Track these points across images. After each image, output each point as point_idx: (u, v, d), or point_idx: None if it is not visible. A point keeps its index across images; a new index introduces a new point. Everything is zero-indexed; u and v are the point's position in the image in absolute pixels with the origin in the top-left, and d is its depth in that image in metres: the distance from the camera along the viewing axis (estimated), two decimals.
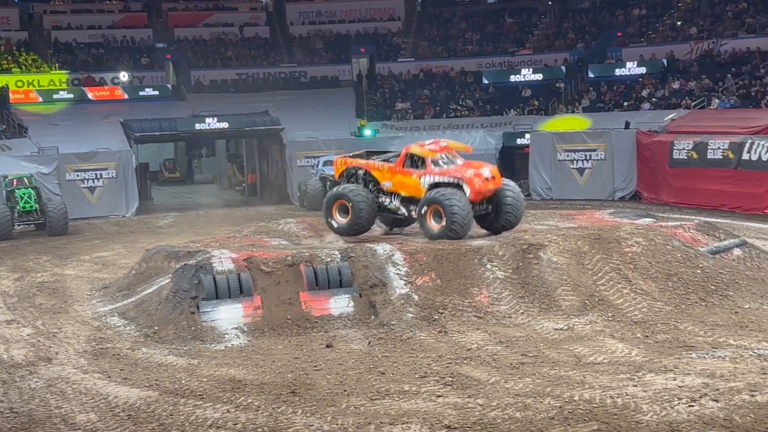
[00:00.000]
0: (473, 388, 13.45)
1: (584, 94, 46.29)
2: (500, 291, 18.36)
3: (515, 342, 16.03)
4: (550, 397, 12.83)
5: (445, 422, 11.91)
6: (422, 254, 19.23)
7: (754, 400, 12.31)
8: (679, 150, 36.22)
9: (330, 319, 17.78)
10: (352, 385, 13.83)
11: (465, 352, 15.47)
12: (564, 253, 19.26)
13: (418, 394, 13.26)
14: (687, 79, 43.25)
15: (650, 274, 18.83)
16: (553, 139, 40.24)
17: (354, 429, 11.80)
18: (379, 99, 49.05)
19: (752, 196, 32.72)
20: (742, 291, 18.64)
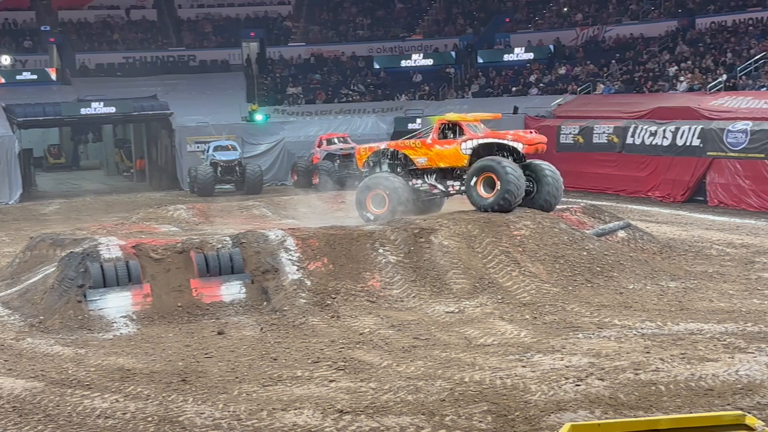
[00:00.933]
0: (365, 372, 13.50)
1: (474, 80, 46.80)
2: (392, 275, 18.45)
3: (407, 325, 16.14)
4: (442, 379, 12.96)
5: (337, 407, 11.93)
6: (315, 239, 19.18)
7: (638, 378, 12.64)
8: (566, 134, 36.98)
9: (221, 305, 17.62)
10: (244, 372, 13.74)
11: (357, 337, 15.52)
12: (455, 237, 19.46)
13: (311, 380, 13.24)
14: (573, 65, 44.12)
15: (538, 257, 19.18)
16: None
17: (246, 416, 11.73)
18: (270, 83, 48.74)
19: (636, 179, 33.61)
20: (626, 272, 19.13)
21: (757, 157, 28.94)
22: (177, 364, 14.26)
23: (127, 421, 11.72)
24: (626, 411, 11.30)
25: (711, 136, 30.66)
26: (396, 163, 22.59)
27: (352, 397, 12.31)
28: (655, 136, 32.94)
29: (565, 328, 15.63)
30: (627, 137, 34.14)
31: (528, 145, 20.88)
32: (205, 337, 15.99)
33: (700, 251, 21.98)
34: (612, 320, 16.00)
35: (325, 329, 16.12)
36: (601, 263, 19.32)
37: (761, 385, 12.18)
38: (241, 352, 14.92)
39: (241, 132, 42.35)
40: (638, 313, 16.43)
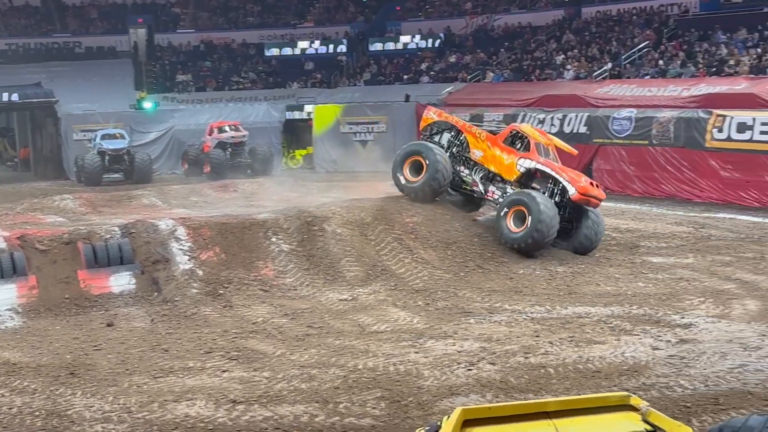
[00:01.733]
0: (259, 361, 13.42)
1: (365, 68, 46.87)
2: (286, 264, 18.38)
3: (301, 314, 16.11)
4: (335, 367, 12.98)
5: (230, 397, 11.83)
6: (206, 229, 18.98)
7: (527, 362, 12.87)
8: None
9: (111, 297, 17.29)
10: (135, 364, 13.52)
11: (250, 326, 15.42)
12: (348, 225, 19.49)
13: (203, 370, 13.11)
14: (463, 53, 44.54)
15: (430, 244, 19.34)
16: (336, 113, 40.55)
17: (137, 408, 11.55)
18: (159, 71, 47.97)
19: None
20: (515, 257, 19.44)
21: (641, 144, 29.70)
22: (65, 357, 13.95)
23: (13, 416, 11.42)
24: (516, 394, 11.49)
25: (597, 123, 31.32)
26: (455, 143, 21.45)
27: (246, 387, 12.24)
28: (543, 123, 33.47)
29: (457, 313, 15.81)
30: None
31: (580, 194, 19.56)
32: (94, 329, 15.67)
33: None
34: (502, 305, 16.25)
35: (218, 319, 15.97)
36: (491, 249, 19.59)
37: (646, 366, 12.53)
38: (132, 343, 14.67)
39: (129, 120, 41.55)
40: (528, 298, 16.72)
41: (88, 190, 32.65)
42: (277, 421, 10.95)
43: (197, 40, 50.64)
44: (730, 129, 27.19)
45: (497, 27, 45.94)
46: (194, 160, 38.67)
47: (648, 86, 31.73)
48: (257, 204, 24.80)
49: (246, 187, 28.94)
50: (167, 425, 10.96)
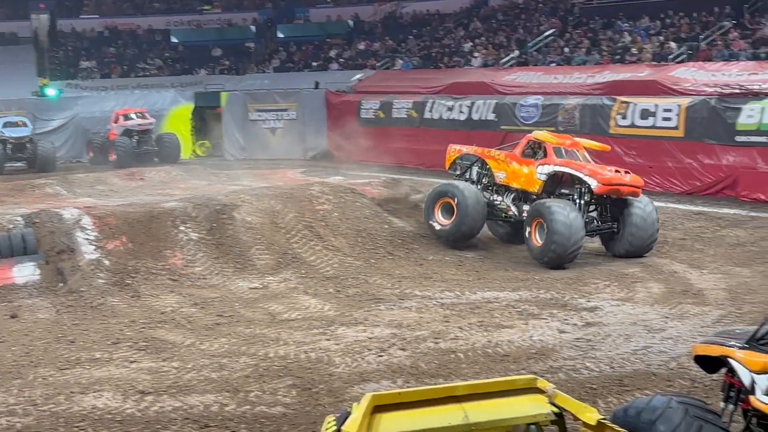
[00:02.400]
0: (168, 351, 13.27)
1: (274, 55, 46.60)
2: (194, 253, 18.20)
3: (210, 303, 15.97)
4: (246, 355, 12.91)
5: (139, 387, 11.68)
6: (113, 218, 18.68)
7: (438, 347, 12.98)
8: (367, 109, 37.39)
9: (14, 288, 16.89)
10: (40, 356, 13.24)
11: (159, 316, 15.23)
12: (258, 213, 19.38)
13: (111, 361, 12.91)
14: (372, 40, 44.58)
15: (341, 231, 19.35)
16: (245, 99, 40.25)
17: (42, 401, 11.32)
18: (62, 57, 46.97)
19: (434, 153, 34.26)
20: (425, 244, 19.57)
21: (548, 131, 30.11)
22: None
23: None
24: (427, 379, 11.58)
25: (504, 110, 31.67)
26: (483, 173, 20.27)
27: (154, 378, 12.09)
28: (452, 110, 33.75)
29: (368, 300, 15.86)
30: (425, 112, 34.82)
31: (603, 185, 17.97)
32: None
33: None
34: (413, 291, 16.35)
35: (125, 309, 15.74)
36: (401, 236, 19.68)
37: (553, 350, 12.74)
38: (36, 335, 14.37)
39: (31, 107, 40.58)
40: (438, 283, 16.86)
41: None
42: (187, 411, 10.85)
43: (101, 26, 49.73)
44: (633, 115, 27.76)
45: (406, 14, 46.10)
46: (100, 148, 37.98)
47: (554, 73, 32.21)
48: (165, 192, 24.50)
49: (153, 176, 28.57)
50: (74, 417, 10.78)
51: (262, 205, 19.59)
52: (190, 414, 10.75)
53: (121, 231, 18.29)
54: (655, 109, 27.24)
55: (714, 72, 27.79)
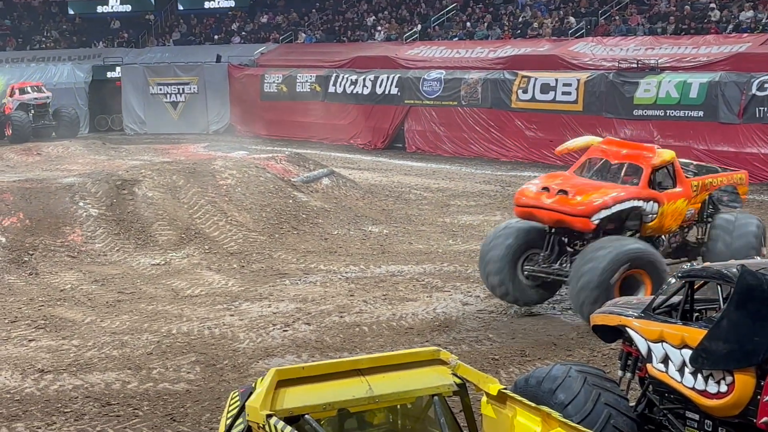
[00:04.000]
0: (68, 329, 13.05)
1: (175, 27, 45.87)
2: (94, 229, 17.88)
3: (111, 280, 15.73)
4: (148, 332, 12.77)
5: (38, 366, 11.47)
6: (8, 194, 18.25)
7: (342, 321, 13.03)
8: (270, 83, 37.10)
9: None
10: None
11: (58, 294, 14.95)
12: (159, 188, 19.11)
13: (9, 340, 12.65)
14: (275, 13, 44.18)
15: (245, 206, 19.22)
16: (145, 73, 39.53)
17: None
18: None
19: (338, 128, 34.33)
20: (330, 218, 19.57)
21: (451, 105, 30.34)
22: None
23: None
24: (332, 353, 11.62)
25: (408, 84, 31.78)
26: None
27: (54, 356, 11.88)
28: (355, 84, 33.72)
29: (273, 275, 15.81)
30: (329, 86, 34.72)
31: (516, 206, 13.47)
32: None
33: (400, 196, 22.83)
34: (318, 266, 16.36)
35: (23, 287, 15.40)
36: (306, 210, 19.64)
37: (456, 322, 12.90)
38: None
39: None
40: (342, 258, 16.89)
41: None
42: (88, 389, 10.70)
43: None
44: (534, 90, 28.14)
45: None
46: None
47: (456, 48, 32.40)
48: (63, 168, 23.95)
49: (51, 151, 27.90)
50: None
51: (163, 181, 19.32)
52: (91, 392, 10.60)
53: (17, 207, 17.86)
54: (555, 84, 27.64)
55: (612, 47, 28.31)
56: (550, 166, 26.49)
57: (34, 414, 10.06)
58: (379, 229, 19.27)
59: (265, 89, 37.23)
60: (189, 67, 39.50)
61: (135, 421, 9.82)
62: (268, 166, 21.45)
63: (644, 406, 7.58)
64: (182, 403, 10.24)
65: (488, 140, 29.48)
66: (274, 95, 36.84)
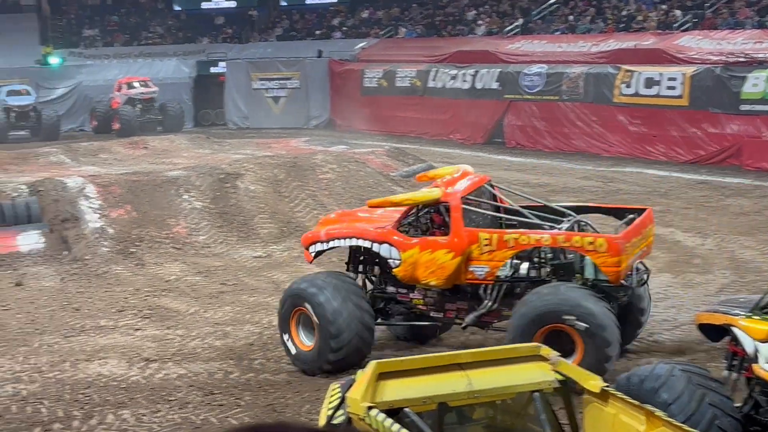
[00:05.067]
0: (172, 319, 13.34)
1: (277, 23, 46.40)
2: (198, 221, 18.23)
3: (214, 271, 16.02)
4: (250, 323, 12.97)
5: (144, 355, 11.75)
6: (116, 186, 18.72)
7: None
8: (370, 78, 37.24)
9: (19, 256, 16.95)
10: (45, 323, 13.32)
11: (163, 284, 15.29)
12: (261, 182, 19.38)
13: (116, 329, 12.98)
14: (376, 8, 44.34)
15: (344, 200, 19.34)
16: (248, 68, 40.11)
17: (48, 368, 11.40)
18: (65, 25, 46.74)
19: (438, 122, 34.27)
20: None
21: (552, 100, 30.02)
22: None
23: None
24: (429, 347, 11.61)
25: (508, 79, 31.54)
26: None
27: (159, 345, 12.16)
28: (455, 79, 33.61)
29: None
30: (429, 81, 34.68)
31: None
32: (2, 289, 15.38)
33: None
34: None
35: (130, 278, 15.80)
36: None
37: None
38: (41, 303, 14.44)
39: (35, 76, 40.48)
40: None
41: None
42: (192, 378, 10.92)
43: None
44: (637, 84, 27.63)
45: None
46: (103, 117, 37.90)
47: (558, 42, 32.04)
48: (169, 161, 24.46)
49: (157, 144, 28.50)
50: (79, 384, 10.85)
51: (265, 174, 19.58)
52: (194, 381, 10.82)
53: (125, 200, 18.32)
54: (660, 78, 27.11)
55: (719, 40, 27.64)
56: (653, 162, 26.10)
57: (140, 401, 10.32)
58: None
59: (365, 84, 37.39)
60: (291, 63, 39.92)
61: (237, 411, 9.99)
62: (367, 161, 21.56)
63: (750, 407, 7.40)
64: (283, 393, 10.38)
65: (590, 135, 29.08)
66: (374, 90, 36.98)
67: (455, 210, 10.81)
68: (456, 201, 10.86)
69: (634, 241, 10.70)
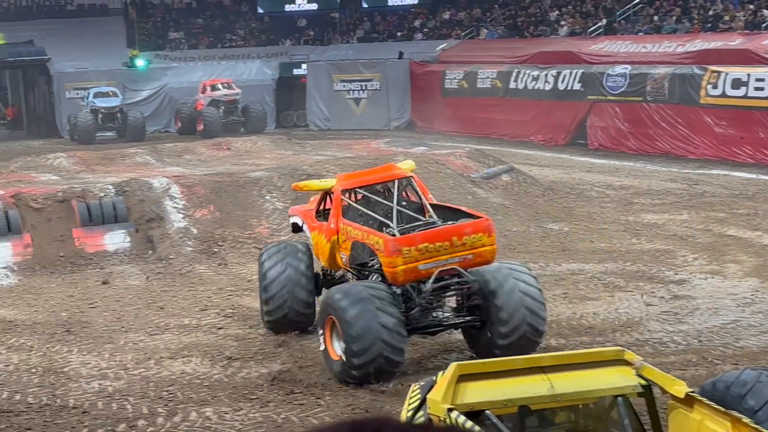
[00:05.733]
0: (254, 318, 13.45)
1: (359, 24, 46.60)
2: (280, 222, 18.37)
3: None
4: None
5: (226, 353, 11.90)
6: (200, 187, 18.98)
7: None
8: (451, 79, 37.18)
9: (105, 255, 17.31)
10: (130, 321, 13.57)
11: (245, 284, 15.45)
12: None
13: (199, 327, 13.16)
14: (457, 10, 44.26)
15: None
16: (329, 70, 40.37)
17: (133, 365, 11.61)
18: (151, 28, 47.59)
19: (519, 124, 34.07)
20: (510, 215, 19.45)
21: (636, 101, 29.61)
22: (61, 315, 14.00)
23: (10, 373, 11.49)
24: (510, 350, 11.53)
25: (591, 80, 31.21)
26: None
27: (241, 344, 12.30)
28: (537, 80, 33.38)
29: None
30: (510, 82, 34.50)
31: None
32: (89, 287, 15.72)
33: (582, 193, 22.48)
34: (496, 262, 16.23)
35: (213, 277, 16.01)
36: (485, 206, 19.57)
37: (639, 323, 12.59)
38: (127, 301, 14.72)
39: (121, 78, 41.31)
40: (522, 255, 16.72)
41: (82, 149, 32.54)
42: (273, 377, 11.01)
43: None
44: (724, 85, 27.10)
45: None
46: (187, 119, 38.51)
47: (643, 42, 31.59)
48: (251, 162, 24.73)
49: (240, 146, 28.85)
50: (164, 382, 11.03)
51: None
52: (275, 380, 10.90)
53: (208, 200, 18.57)
54: (748, 79, 26.54)
55: None
56: (741, 165, 25.57)
57: (222, 399, 10.44)
58: (559, 226, 19.02)
59: (446, 85, 37.35)
60: (372, 64, 40.06)
61: (317, 410, 10.05)
62: (448, 162, 21.52)
63: None
64: (364, 394, 10.40)
65: (675, 137, 28.60)
66: (454, 91, 36.92)
67: (335, 199, 11.96)
68: (338, 191, 11.97)
69: (426, 246, 10.75)
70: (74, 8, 48.62)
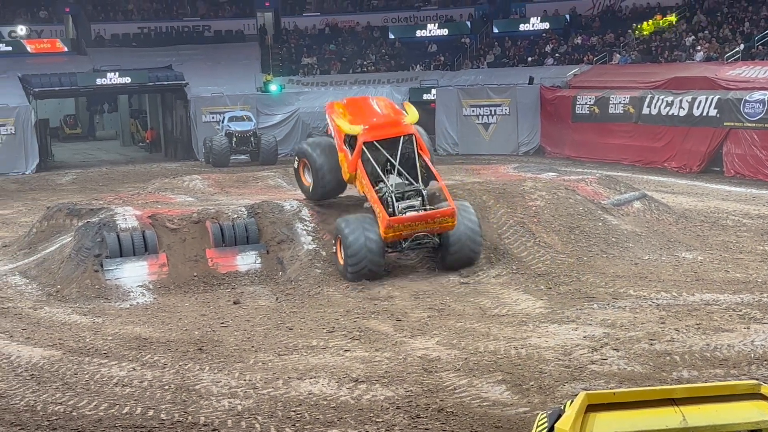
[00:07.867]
0: (381, 341, 13.54)
1: (489, 50, 46.59)
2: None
3: (422, 295, 16.17)
4: (456, 349, 13.00)
5: (353, 375, 11.99)
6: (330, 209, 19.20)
7: (653, 349, 12.65)
8: (582, 105, 36.81)
9: (237, 275, 17.69)
10: (260, 341, 13.81)
11: (373, 306, 15.56)
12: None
13: (326, 349, 13.31)
14: (589, 35, 43.83)
15: (553, 228, 19.15)
16: (458, 95, 40.46)
17: (262, 384, 11.81)
18: (285, 54, 48.60)
19: (652, 150, 33.45)
20: (641, 243, 19.09)
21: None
22: (193, 333, 14.36)
23: (144, 389, 11.82)
24: (641, 381, 11.31)
25: (728, 106, 30.43)
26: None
27: (367, 366, 12.37)
28: (671, 106, 32.73)
29: (580, 298, 15.62)
30: (643, 107, 33.93)
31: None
32: (221, 306, 16.08)
33: (716, 222, 21.91)
34: (627, 291, 15.98)
35: (341, 299, 16.18)
36: (616, 234, 19.27)
37: None
38: (257, 321, 15.00)
39: (255, 102, 42.31)
40: (653, 284, 16.40)
41: (216, 171, 33.42)
42: (399, 401, 11.04)
43: (322, 24, 51.07)
44: None
45: (625, 7, 45.02)
46: None
47: None
48: None
49: None
50: (291, 402, 11.18)
51: (474, 200, 19.62)
52: (402, 404, 10.93)
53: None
54: None
55: None
56: None
57: (348, 421, 10.52)
58: (693, 255, 18.56)
59: (576, 111, 36.98)
60: (501, 89, 39.99)
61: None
62: (577, 188, 21.27)
63: None
64: (486, 421, 10.33)
65: None
66: (585, 117, 36.51)
67: (357, 147, 17.48)
68: (360, 143, 17.46)
69: (410, 224, 16.88)
70: (212, 34, 50.08)
